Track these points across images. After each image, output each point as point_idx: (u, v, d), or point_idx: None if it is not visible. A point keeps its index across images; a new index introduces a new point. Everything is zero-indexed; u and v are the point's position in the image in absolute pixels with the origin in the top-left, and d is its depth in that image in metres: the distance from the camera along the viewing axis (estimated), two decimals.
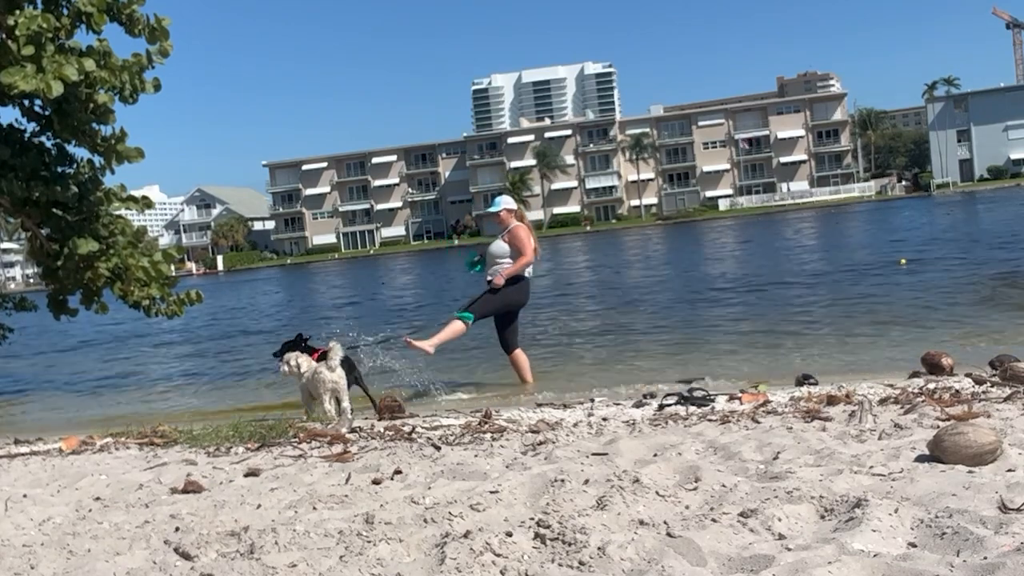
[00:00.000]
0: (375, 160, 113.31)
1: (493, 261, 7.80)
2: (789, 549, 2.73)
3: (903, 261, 17.37)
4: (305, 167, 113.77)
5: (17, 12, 8.53)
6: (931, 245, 22.93)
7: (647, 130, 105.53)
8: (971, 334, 8.51)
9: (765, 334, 9.98)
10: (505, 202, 7.99)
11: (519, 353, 7.94)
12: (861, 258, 21.10)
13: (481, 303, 7.69)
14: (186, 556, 3.19)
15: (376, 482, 4.12)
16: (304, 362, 6.55)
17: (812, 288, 14.98)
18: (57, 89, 8.43)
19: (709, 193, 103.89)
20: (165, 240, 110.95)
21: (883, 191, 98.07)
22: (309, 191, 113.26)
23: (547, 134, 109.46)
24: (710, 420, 5.15)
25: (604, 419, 5.50)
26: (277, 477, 4.43)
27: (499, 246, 7.80)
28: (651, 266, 29.33)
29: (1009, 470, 3.38)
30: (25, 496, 4.39)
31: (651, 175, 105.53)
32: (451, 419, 5.99)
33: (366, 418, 6.33)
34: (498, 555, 2.84)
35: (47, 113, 9.76)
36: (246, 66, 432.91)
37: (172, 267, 10.91)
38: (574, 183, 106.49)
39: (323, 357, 6.62)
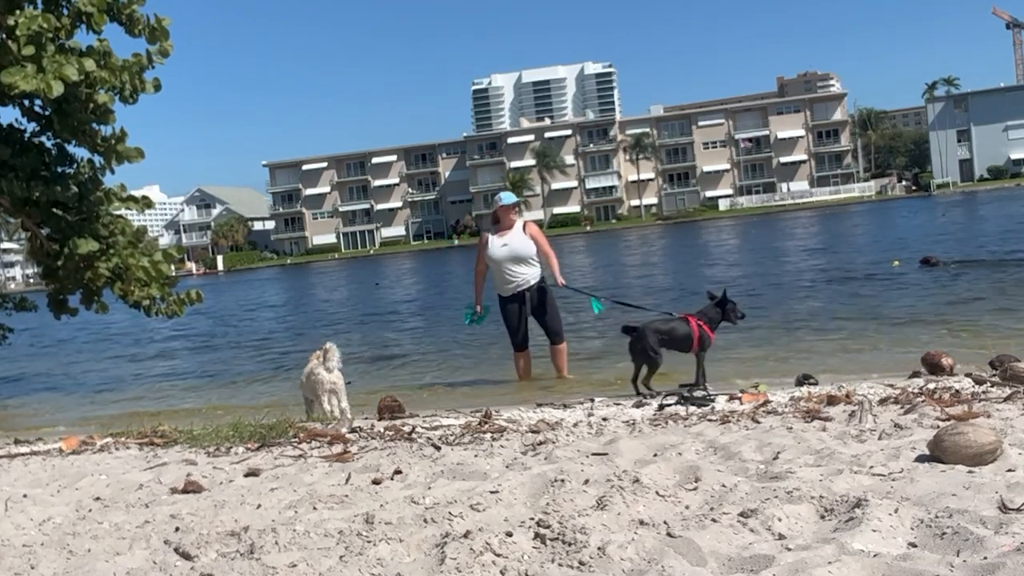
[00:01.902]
0: (375, 160, 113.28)
1: (522, 260, 7.74)
2: (789, 549, 2.73)
3: (896, 263, 17.43)
4: (305, 167, 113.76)
5: (17, 12, 8.53)
6: (927, 246, 22.94)
7: (647, 130, 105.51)
8: (968, 333, 8.51)
9: (765, 334, 9.97)
10: (513, 198, 8.05)
11: (529, 351, 8.08)
12: (859, 259, 21.11)
13: (559, 313, 7.94)
14: (186, 556, 3.19)
15: (376, 482, 4.11)
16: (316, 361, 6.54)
17: (811, 288, 14.98)
18: (57, 89, 8.43)
19: (709, 193, 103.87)
20: (165, 240, 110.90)
21: (883, 191, 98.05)
22: (309, 191, 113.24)
23: (547, 134, 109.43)
24: (710, 420, 5.14)
25: (604, 419, 5.50)
26: (277, 477, 4.43)
27: (527, 244, 7.76)
28: (650, 266, 29.32)
29: (1009, 470, 3.38)
30: (25, 496, 4.39)
31: (651, 175, 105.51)
32: (451, 419, 5.98)
33: (366, 418, 6.33)
34: (498, 555, 2.84)
35: (47, 113, 9.77)
36: (246, 66, 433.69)
37: (172, 267, 10.92)
38: (574, 183, 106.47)
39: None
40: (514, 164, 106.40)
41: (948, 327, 9.19)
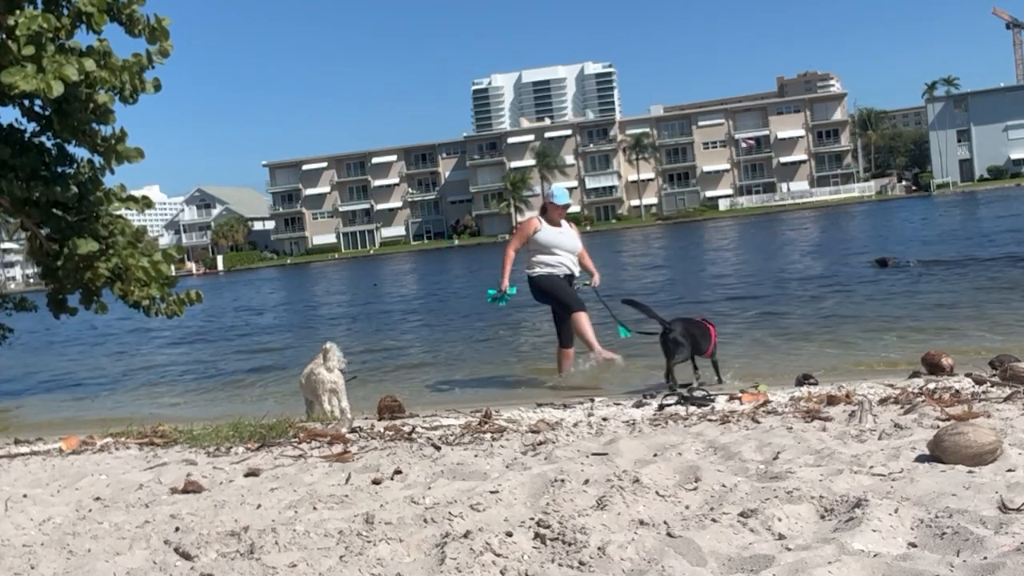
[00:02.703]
0: (375, 160, 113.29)
1: (576, 252, 7.78)
2: (789, 549, 2.73)
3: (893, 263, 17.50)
4: (305, 167, 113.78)
5: (17, 12, 8.54)
6: (925, 246, 22.98)
7: (647, 130, 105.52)
8: (970, 334, 8.51)
9: (765, 334, 9.97)
10: (566, 199, 7.96)
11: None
12: (857, 259, 21.12)
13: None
14: (186, 556, 3.19)
15: (376, 482, 4.11)
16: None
17: (811, 288, 14.98)
18: (57, 89, 8.44)
19: (709, 193, 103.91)
20: (165, 240, 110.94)
21: (883, 191, 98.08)
22: (309, 191, 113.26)
23: (547, 134, 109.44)
24: (710, 420, 5.14)
25: (604, 419, 5.50)
26: (277, 477, 4.43)
27: (577, 241, 7.81)
28: (651, 266, 29.34)
29: (1009, 470, 3.37)
30: (25, 496, 4.39)
31: (651, 175, 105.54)
32: (451, 419, 5.98)
33: (366, 418, 6.33)
34: (498, 555, 2.84)
35: (47, 113, 9.77)
36: (246, 66, 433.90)
37: (172, 267, 10.92)
38: (574, 183, 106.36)
39: None
40: (514, 164, 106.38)
41: (926, 327, 9.24)
